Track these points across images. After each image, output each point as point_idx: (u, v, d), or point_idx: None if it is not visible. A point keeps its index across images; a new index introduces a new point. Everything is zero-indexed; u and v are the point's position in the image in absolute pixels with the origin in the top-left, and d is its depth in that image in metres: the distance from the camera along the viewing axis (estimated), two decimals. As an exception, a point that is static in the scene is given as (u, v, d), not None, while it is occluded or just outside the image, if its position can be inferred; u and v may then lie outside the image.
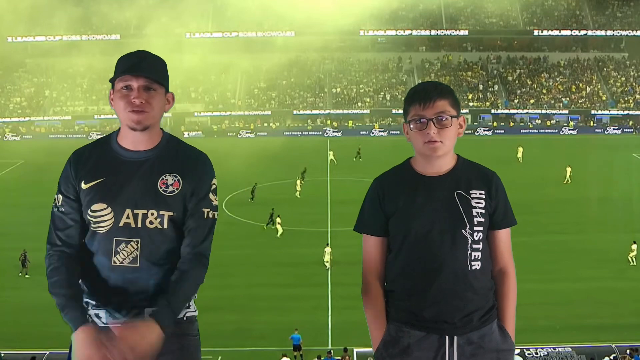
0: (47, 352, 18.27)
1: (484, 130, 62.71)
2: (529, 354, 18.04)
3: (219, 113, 64.86)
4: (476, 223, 2.88)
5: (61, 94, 66.96)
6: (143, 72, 2.89)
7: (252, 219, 32.21)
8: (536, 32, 71.49)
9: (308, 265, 27.07)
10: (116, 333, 2.67)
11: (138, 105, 2.87)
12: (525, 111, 65.97)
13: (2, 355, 18.75)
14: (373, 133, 62.44)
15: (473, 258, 2.88)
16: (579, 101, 66.71)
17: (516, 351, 17.76)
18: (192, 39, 67.15)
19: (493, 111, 66.04)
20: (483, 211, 2.90)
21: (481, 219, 2.90)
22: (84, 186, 2.94)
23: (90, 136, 61.38)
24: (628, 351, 18.23)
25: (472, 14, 73.77)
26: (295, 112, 66.15)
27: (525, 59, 71.92)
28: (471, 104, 66.12)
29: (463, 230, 2.87)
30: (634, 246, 27.22)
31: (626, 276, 26.16)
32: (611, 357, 18.05)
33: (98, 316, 2.96)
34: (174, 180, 2.94)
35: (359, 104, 67.34)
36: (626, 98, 66.48)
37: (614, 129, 62.59)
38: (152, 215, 2.90)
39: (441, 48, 73.71)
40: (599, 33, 71.14)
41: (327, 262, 26.60)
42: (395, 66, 71.92)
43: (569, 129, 63.02)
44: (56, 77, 68.17)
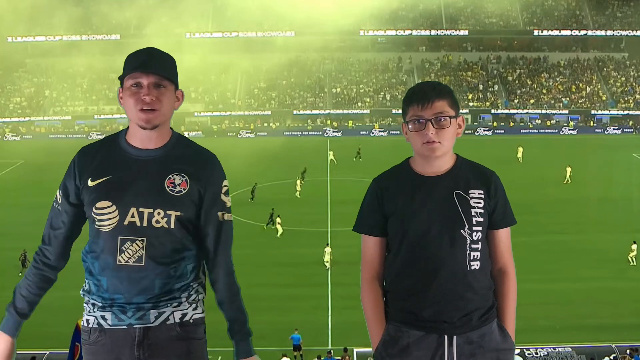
0: (47, 352, 18.25)
1: (484, 130, 62.70)
2: (529, 354, 18.03)
3: (219, 113, 64.87)
4: (475, 223, 2.88)
5: (61, 94, 66.97)
6: (153, 69, 2.85)
7: (252, 219, 32.19)
8: (536, 32, 71.50)
9: (308, 265, 27.07)
10: None
11: (148, 102, 2.84)
12: (525, 111, 65.97)
13: (2, 355, 18.73)
14: (373, 133, 62.44)
15: (472, 258, 2.88)
16: (579, 101, 66.71)
17: (516, 351, 17.75)
18: (192, 39, 67.14)
19: (493, 111, 66.05)
20: (482, 211, 2.90)
21: (480, 219, 2.89)
22: (91, 183, 2.91)
23: (90, 136, 61.37)
24: (628, 351, 18.23)
25: (472, 14, 73.77)
26: (295, 112, 66.15)
27: (525, 59, 71.93)
28: (471, 104, 66.13)
29: (462, 230, 2.86)
30: (634, 246, 27.23)
31: (626, 276, 26.16)
32: (611, 357, 18.05)
33: (104, 318, 2.92)
34: (182, 180, 2.90)
35: (359, 104, 67.35)
36: (626, 98, 66.48)
37: (614, 129, 62.59)
38: (159, 214, 2.86)
39: (441, 48, 73.72)
40: (599, 33, 71.15)
41: (327, 262, 26.60)
42: (395, 66, 71.92)
43: (569, 129, 63.02)
44: (56, 77, 68.19)
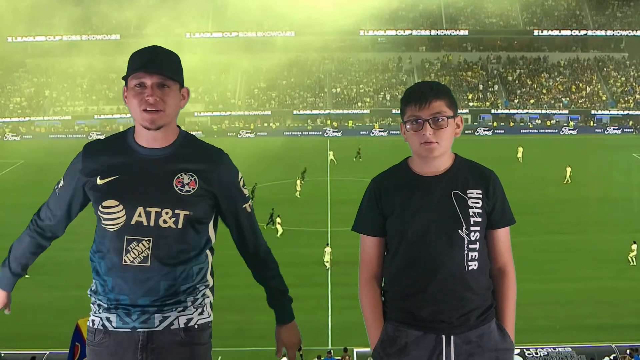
0: (47, 352, 18.25)
1: (484, 130, 62.70)
2: (529, 354, 18.03)
3: (219, 113, 64.86)
4: (473, 223, 2.87)
5: (61, 94, 66.96)
6: (156, 69, 2.82)
7: (252, 219, 32.17)
8: (536, 32, 71.50)
9: (308, 265, 27.05)
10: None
11: (152, 103, 2.81)
12: (525, 111, 65.97)
13: (2, 355, 18.74)
14: (373, 133, 62.43)
15: (470, 258, 2.87)
16: (579, 101, 66.71)
17: (516, 351, 17.77)
18: (192, 39, 67.12)
19: (493, 111, 66.04)
20: (480, 211, 2.89)
21: (478, 219, 2.89)
22: (99, 182, 2.88)
23: (90, 136, 61.34)
24: (628, 351, 18.23)
25: (472, 14, 73.77)
26: (295, 112, 66.15)
27: (525, 59, 71.93)
28: (471, 104, 66.14)
29: (459, 230, 2.86)
30: (634, 246, 27.21)
31: (626, 276, 26.14)
32: (611, 357, 18.05)
33: (109, 320, 2.90)
34: (190, 179, 2.88)
35: (359, 104, 67.34)
36: (626, 98, 66.48)
37: (614, 129, 62.58)
38: (167, 214, 2.83)
39: (441, 48, 73.72)
40: (599, 33, 71.14)
41: (327, 262, 26.60)
42: (395, 66, 71.92)
43: (569, 129, 63.02)
44: (56, 77, 68.19)
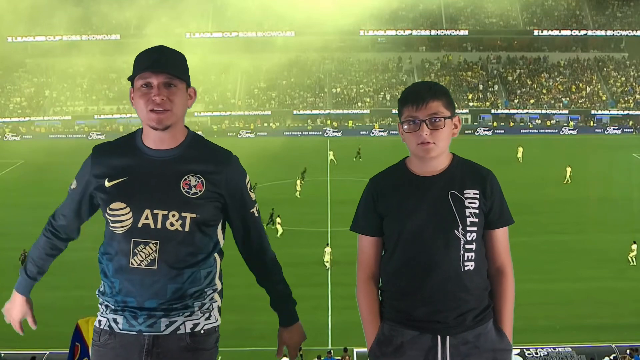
0: (47, 352, 18.26)
1: (484, 130, 62.71)
2: (529, 354, 18.02)
3: (219, 113, 64.85)
4: (469, 223, 2.86)
5: (61, 94, 66.97)
6: (163, 69, 2.80)
7: (252, 219, 32.16)
8: (536, 32, 71.51)
9: (308, 265, 27.04)
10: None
11: (159, 103, 2.79)
12: (525, 111, 65.98)
13: (2, 355, 18.74)
14: (373, 133, 62.43)
15: (466, 258, 2.86)
16: (579, 101, 66.72)
17: (516, 351, 17.76)
18: (192, 39, 67.12)
19: (493, 111, 66.05)
20: (477, 211, 2.88)
21: (475, 219, 2.88)
22: (107, 184, 2.87)
23: (90, 136, 61.42)
24: (628, 351, 18.22)
25: (472, 14, 73.78)
26: (295, 112, 66.16)
27: (525, 59, 71.93)
28: (471, 104, 66.15)
29: (455, 230, 2.85)
30: (634, 246, 27.20)
31: (626, 276, 26.14)
32: (611, 357, 18.04)
33: (115, 321, 2.89)
34: (198, 181, 2.85)
35: (359, 104, 67.35)
36: (626, 98, 66.49)
37: (614, 129, 62.58)
38: (174, 216, 2.81)
39: (441, 48, 73.72)
40: (599, 33, 71.16)
41: (327, 262, 26.60)
42: (395, 66, 71.93)
43: (569, 129, 63.02)
44: (56, 77, 68.19)
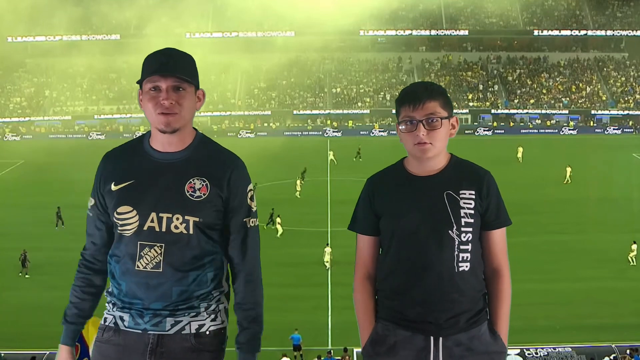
0: (47, 352, 18.26)
1: (484, 130, 62.71)
2: (529, 354, 18.03)
3: (219, 113, 64.85)
4: (464, 224, 2.85)
5: (61, 94, 66.97)
6: (171, 72, 2.79)
7: (252, 219, 32.16)
8: (536, 32, 71.51)
9: (308, 265, 27.06)
10: None
11: (167, 107, 2.78)
12: (525, 111, 65.98)
13: (2, 355, 18.75)
14: (373, 133, 62.43)
15: (461, 259, 2.85)
16: (579, 101, 66.72)
17: (516, 351, 17.78)
18: (192, 39, 67.11)
19: (493, 111, 66.05)
20: (472, 212, 2.87)
21: (470, 220, 2.86)
22: (114, 187, 2.87)
23: (90, 136, 61.45)
24: (628, 351, 18.23)
25: (472, 14, 73.78)
26: (295, 112, 66.16)
27: (525, 59, 71.93)
28: (471, 104, 66.16)
29: (450, 231, 2.84)
30: (634, 246, 27.21)
31: (626, 276, 26.14)
32: (611, 357, 18.05)
33: (122, 319, 2.90)
34: (202, 185, 2.83)
35: (359, 104, 67.35)
36: (626, 98, 66.49)
37: (614, 129, 62.59)
38: (177, 220, 2.80)
39: (441, 48, 73.72)
40: (599, 33, 71.16)
41: (327, 262, 26.59)
42: (395, 66, 71.93)
43: (569, 129, 63.02)
44: (56, 77, 68.19)
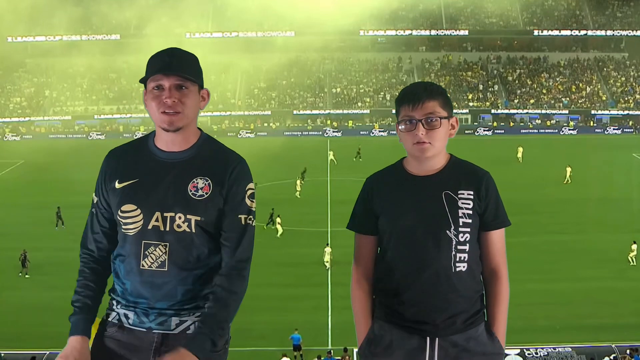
0: (47, 352, 18.26)
1: (484, 130, 62.71)
2: (529, 354, 18.03)
3: (219, 113, 64.83)
4: (462, 224, 2.85)
5: (61, 94, 66.98)
6: (174, 71, 2.80)
7: (252, 219, 32.14)
8: (536, 32, 71.51)
9: (308, 265, 27.06)
10: None
11: (170, 105, 2.79)
12: (525, 111, 65.99)
13: (2, 355, 18.75)
14: (373, 133, 62.43)
15: (458, 259, 2.85)
16: (579, 101, 66.72)
17: (516, 351, 17.79)
18: (192, 39, 67.11)
19: (493, 111, 66.06)
20: (470, 212, 2.87)
21: (468, 220, 2.86)
22: (118, 186, 2.88)
23: (90, 136, 61.46)
24: (628, 351, 18.23)
25: (472, 14, 73.77)
26: (295, 112, 66.17)
27: (525, 59, 71.93)
28: (471, 104, 66.16)
29: (447, 230, 2.84)
30: (634, 246, 27.21)
31: (626, 276, 26.14)
32: (611, 357, 18.05)
33: (127, 317, 2.91)
34: (205, 184, 2.85)
35: (359, 104, 67.35)
36: (626, 98, 66.49)
37: (614, 129, 62.59)
38: (180, 219, 2.81)
39: (441, 48, 73.72)
40: (599, 33, 71.16)
41: (327, 262, 26.59)
42: (395, 66, 71.93)
43: (569, 129, 63.03)
44: (56, 77, 68.18)
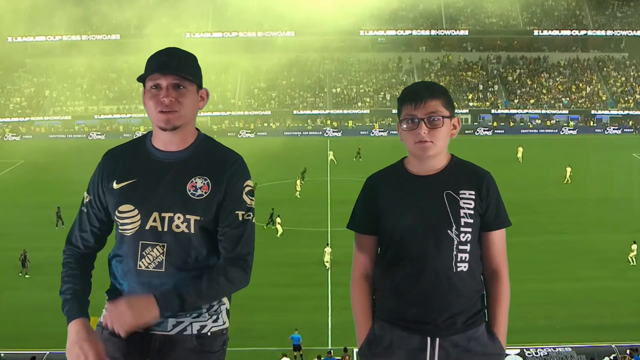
0: (47, 352, 18.28)
1: (484, 130, 62.72)
2: (529, 354, 18.03)
3: (219, 113, 64.86)
4: (463, 224, 2.84)
5: (61, 94, 66.99)
6: (171, 70, 2.80)
7: (252, 219, 32.14)
8: (536, 32, 71.53)
9: (308, 265, 27.07)
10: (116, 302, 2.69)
11: (167, 104, 2.78)
12: (525, 111, 66.01)
13: (2, 355, 18.75)
14: (373, 133, 62.44)
15: (459, 259, 2.84)
16: (579, 101, 66.73)
17: (516, 351, 17.79)
18: (192, 39, 67.12)
19: (493, 111, 66.08)
20: (472, 212, 2.86)
21: (469, 220, 2.85)
22: (116, 186, 2.86)
23: (90, 136, 61.46)
24: (628, 351, 18.24)
25: (472, 14, 73.78)
26: (295, 112, 66.19)
27: (525, 59, 71.94)
28: (471, 104, 66.16)
29: (449, 230, 2.83)
30: (634, 246, 27.20)
31: (626, 276, 26.14)
32: (611, 357, 18.06)
33: None
34: (203, 183, 2.83)
35: (359, 104, 67.36)
36: (626, 98, 66.50)
37: (614, 129, 62.61)
38: (179, 219, 2.80)
39: (441, 48, 73.74)
40: (599, 33, 71.18)
41: (327, 262, 26.59)
42: (395, 66, 71.93)
43: (569, 129, 63.04)
44: (56, 77, 68.20)
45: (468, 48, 73.72)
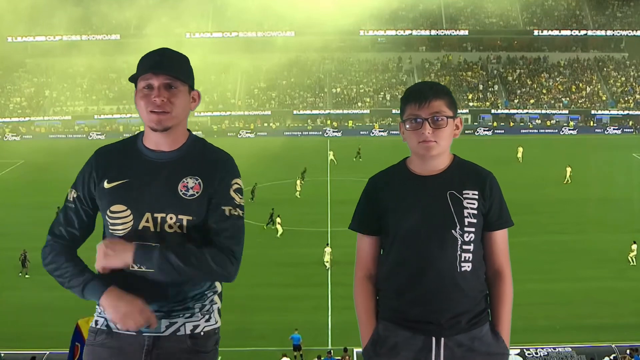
0: (47, 352, 18.27)
1: (484, 130, 62.73)
2: (529, 354, 18.03)
3: (219, 113, 64.87)
4: (467, 224, 2.85)
5: (61, 94, 66.99)
6: (163, 70, 2.80)
7: (252, 219, 32.12)
8: (536, 32, 71.53)
9: (308, 265, 27.07)
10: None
11: (159, 104, 2.78)
12: (525, 111, 66.01)
13: (2, 355, 18.75)
14: (373, 133, 62.45)
15: (463, 259, 2.85)
16: (579, 101, 66.73)
17: (516, 351, 17.78)
18: (192, 39, 67.13)
19: (493, 111, 66.08)
20: (475, 212, 2.87)
21: (473, 220, 2.86)
22: (107, 185, 2.85)
23: (90, 136, 61.45)
24: (628, 351, 18.24)
25: (472, 14, 73.79)
26: (295, 112, 66.19)
27: (525, 59, 71.94)
28: (471, 104, 66.16)
29: (453, 230, 2.84)
30: (634, 246, 27.22)
31: (626, 276, 26.15)
32: (611, 357, 18.06)
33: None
34: (195, 183, 2.83)
35: (359, 104, 67.36)
36: (626, 98, 66.50)
37: (614, 129, 62.61)
38: (171, 219, 2.79)
39: (441, 48, 73.74)
40: (599, 33, 71.18)
41: (327, 262, 26.60)
42: (395, 66, 71.93)
43: (569, 129, 63.05)
44: (56, 77, 68.20)
45: (468, 48, 73.73)
